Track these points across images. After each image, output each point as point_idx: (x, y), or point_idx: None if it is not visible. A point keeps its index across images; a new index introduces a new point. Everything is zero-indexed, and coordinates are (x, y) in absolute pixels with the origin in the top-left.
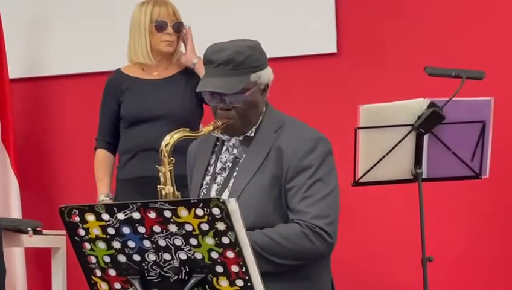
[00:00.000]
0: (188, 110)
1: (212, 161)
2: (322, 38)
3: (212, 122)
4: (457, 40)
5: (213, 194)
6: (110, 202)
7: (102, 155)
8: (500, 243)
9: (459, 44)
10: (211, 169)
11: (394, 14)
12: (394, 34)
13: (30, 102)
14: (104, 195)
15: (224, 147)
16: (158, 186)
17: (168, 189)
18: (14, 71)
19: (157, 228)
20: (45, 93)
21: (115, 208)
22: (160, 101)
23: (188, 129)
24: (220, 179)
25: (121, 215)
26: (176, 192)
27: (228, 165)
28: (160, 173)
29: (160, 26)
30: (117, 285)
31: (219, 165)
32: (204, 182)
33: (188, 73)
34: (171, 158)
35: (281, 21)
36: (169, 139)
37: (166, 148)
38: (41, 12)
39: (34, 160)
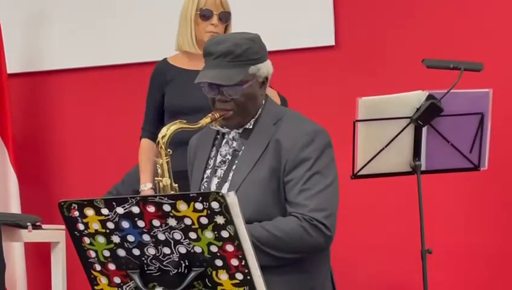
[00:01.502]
0: None
1: (213, 154)
2: (320, 31)
3: (210, 114)
4: (455, 32)
5: (213, 187)
6: (151, 191)
7: (146, 145)
8: (499, 234)
9: (457, 36)
10: (211, 162)
11: (392, 6)
12: (392, 27)
13: (28, 97)
14: (143, 185)
15: (224, 140)
16: (156, 178)
17: (165, 181)
18: (12, 66)
19: (156, 222)
20: (43, 88)
21: (114, 203)
22: (203, 93)
23: (185, 121)
24: (220, 172)
25: (120, 210)
26: (174, 184)
27: (228, 158)
28: (157, 165)
29: (204, 15)
30: (117, 279)
31: (219, 158)
32: (205, 176)
33: None
34: (168, 150)
35: (279, 14)
36: (166, 131)
37: (163, 140)
38: (39, 7)
39: (32, 155)
